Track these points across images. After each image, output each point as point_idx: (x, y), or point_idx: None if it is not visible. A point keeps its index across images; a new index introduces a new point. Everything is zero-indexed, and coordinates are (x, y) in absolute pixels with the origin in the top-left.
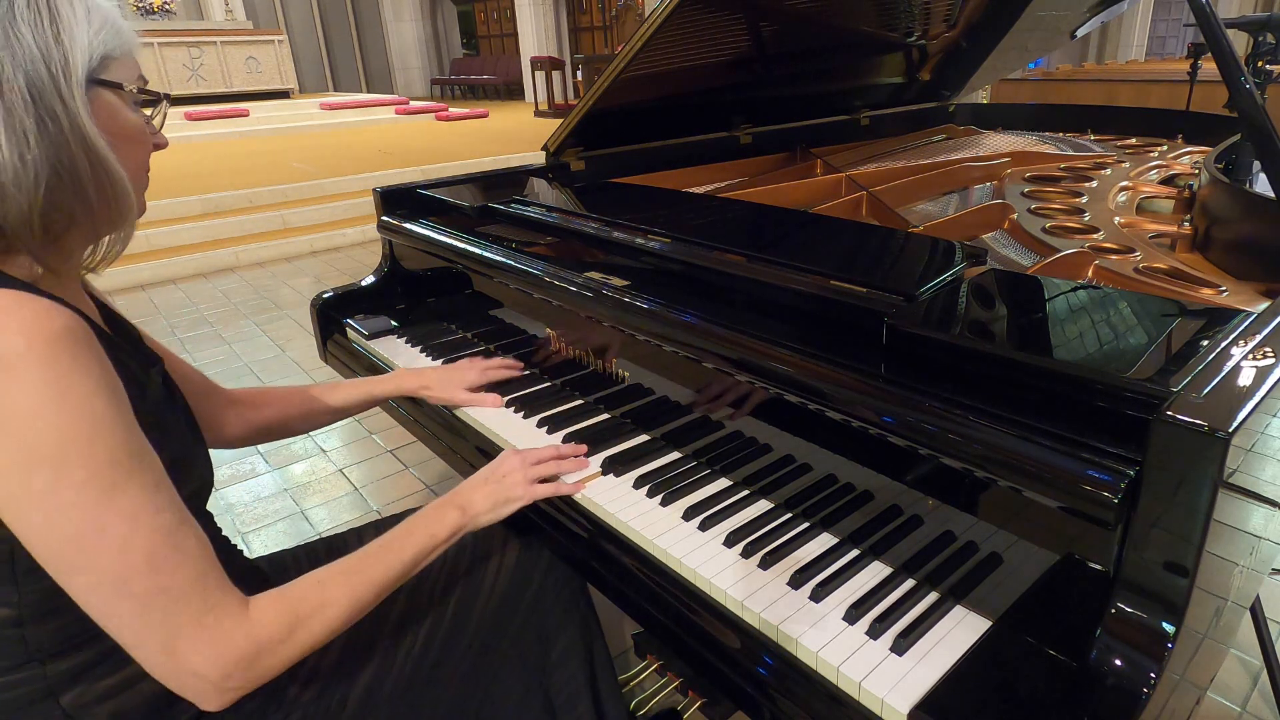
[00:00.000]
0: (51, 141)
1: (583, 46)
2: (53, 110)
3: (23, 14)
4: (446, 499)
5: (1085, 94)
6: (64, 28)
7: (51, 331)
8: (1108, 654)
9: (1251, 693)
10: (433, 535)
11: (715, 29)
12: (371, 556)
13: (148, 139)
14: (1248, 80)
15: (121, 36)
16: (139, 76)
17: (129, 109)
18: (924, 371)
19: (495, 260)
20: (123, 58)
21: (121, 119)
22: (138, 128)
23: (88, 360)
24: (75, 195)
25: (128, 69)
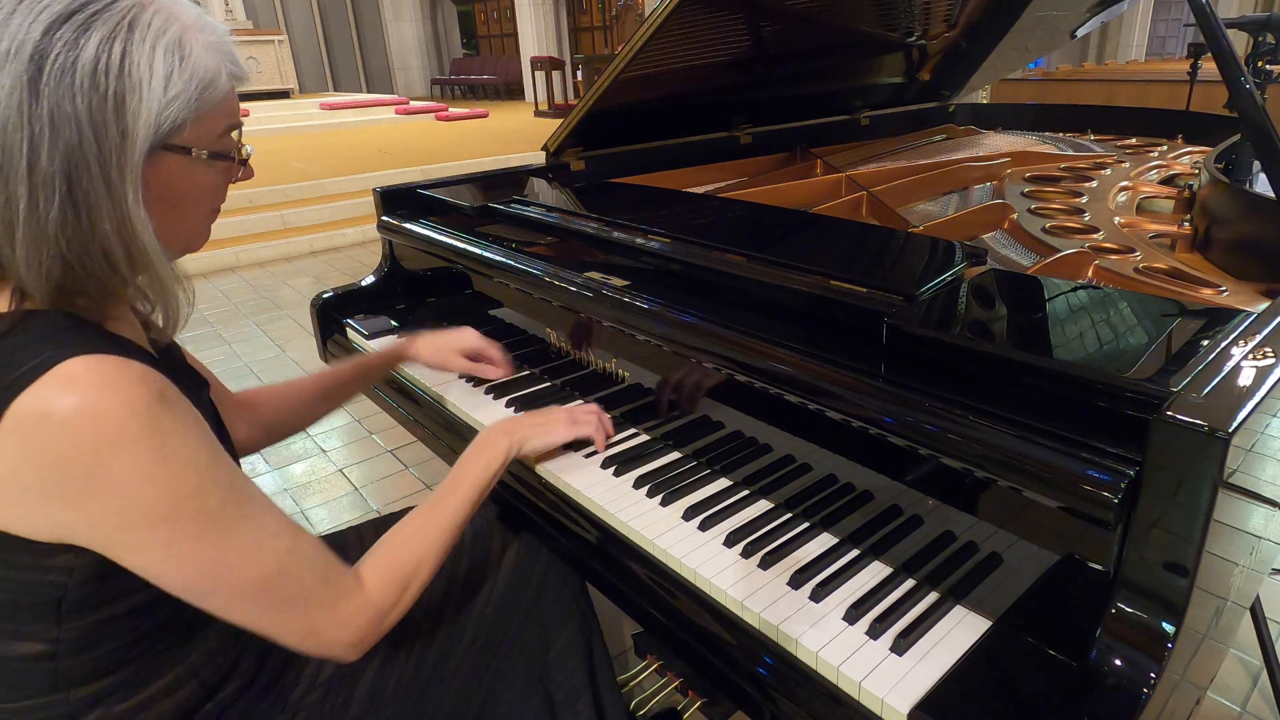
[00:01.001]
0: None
1: (583, 46)
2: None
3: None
4: (492, 428)
5: (1085, 94)
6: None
7: (151, 396)
8: (1108, 654)
9: (1251, 693)
10: (488, 465)
11: (715, 29)
12: (441, 502)
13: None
14: (1248, 80)
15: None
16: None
17: (196, 167)
18: (924, 371)
19: (495, 260)
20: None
21: (187, 181)
22: (204, 187)
23: (183, 416)
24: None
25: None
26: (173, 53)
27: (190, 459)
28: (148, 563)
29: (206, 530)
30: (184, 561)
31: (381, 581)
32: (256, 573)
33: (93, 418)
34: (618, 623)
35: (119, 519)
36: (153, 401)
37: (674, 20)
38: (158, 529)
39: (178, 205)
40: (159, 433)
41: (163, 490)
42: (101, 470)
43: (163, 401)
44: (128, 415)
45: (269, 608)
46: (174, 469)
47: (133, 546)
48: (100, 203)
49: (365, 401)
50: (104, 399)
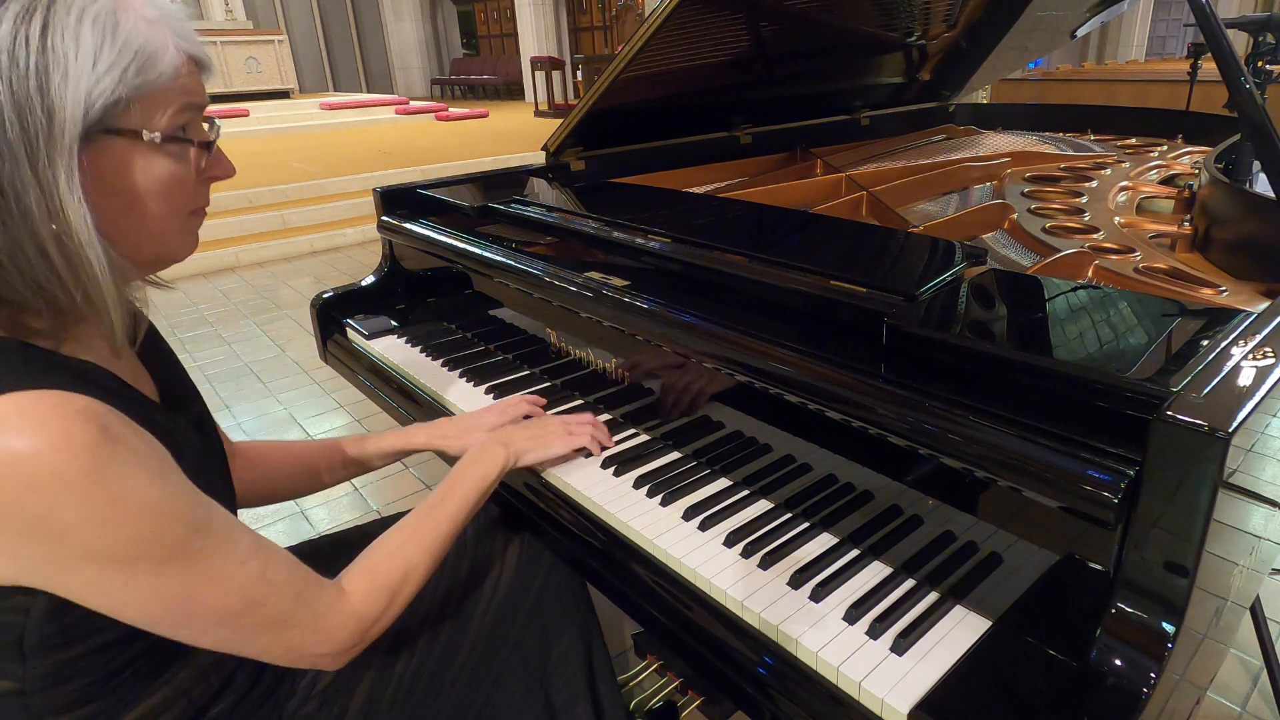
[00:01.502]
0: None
1: (583, 46)
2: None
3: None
4: (489, 439)
5: (1085, 94)
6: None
7: (91, 438)
8: (1108, 654)
9: (1251, 693)
10: (484, 476)
11: (715, 29)
12: (435, 510)
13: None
14: (1248, 80)
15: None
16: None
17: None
18: (924, 371)
19: (495, 260)
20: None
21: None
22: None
23: (131, 453)
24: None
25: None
26: (102, 25)
27: (142, 500)
28: (107, 601)
29: (167, 567)
30: (146, 599)
31: (366, 591)
32: (226, 602)
33: (29, 464)
34: (618, 623)
35: (71, 563)
36: (95, 442)
37: (674, 20)
38: (110, 569)
39: (135, 201)
40: (102, 475)
41: (114, 537)
42: (45, 517)
43: (106, 439)
44: (65, 459)
45: (243, 632)
46: (124, 512)
47: (95, 586)
48: (28, 190)
49: (365, 401)
50: (36, 442)
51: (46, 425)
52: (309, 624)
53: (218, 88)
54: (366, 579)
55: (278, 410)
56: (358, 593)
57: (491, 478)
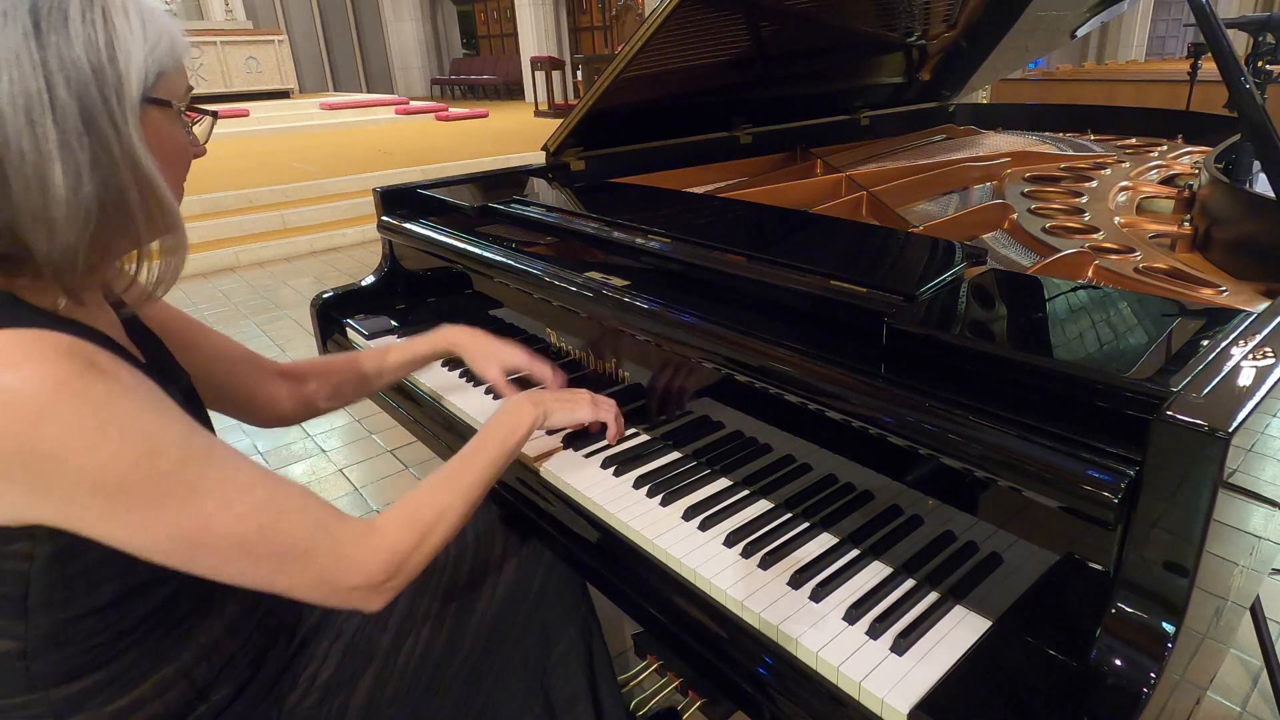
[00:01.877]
0: (104, 173)
1: (583, 46)
2: (105, 139)
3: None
4: (519, 397)
5: (1085, 94)
6: (119, 44)
7: (76, 366)
8: (1108, 654)
9: (1251, 693)
10: (513, 429)
11: (715, 29)
12: (468, 459)
13: (189, 152)
14: (1248, 80)
15: (176, 48)
16: (187, 88)
17: (175, 124)
18: (924, 371)
19: (495, 260)
20: (174, 71)
21: (169, 136)
22: (183, 143)
23: (122, 383)
24: (123, 225)
25: (178, 82)
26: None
27: (131, 425)
28: (118, 533)
29: (169, 495)
30: (154, 528)
31: (399, 525)
32: (237, 529)
33: (14, 394)
34: (618, 623)
35: (69, 491)
36: (82, 370)
37: (674, 20)
38: (114, 498)
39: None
40: (90, 401)
41: (106, 458)
42: (33, 444)
43: (93, 369)
44: (51, 386)
45: (263, 562)
46: (113, 436)
47: (99, 517)
48: (112, 145)
49: (365, 402)
50: (23, 371)
51: (31, 356)
52: (333, 552)
53: (218, 88)
54: (399, 514)
55: None
56: (389, 526)
57: (521, 431)
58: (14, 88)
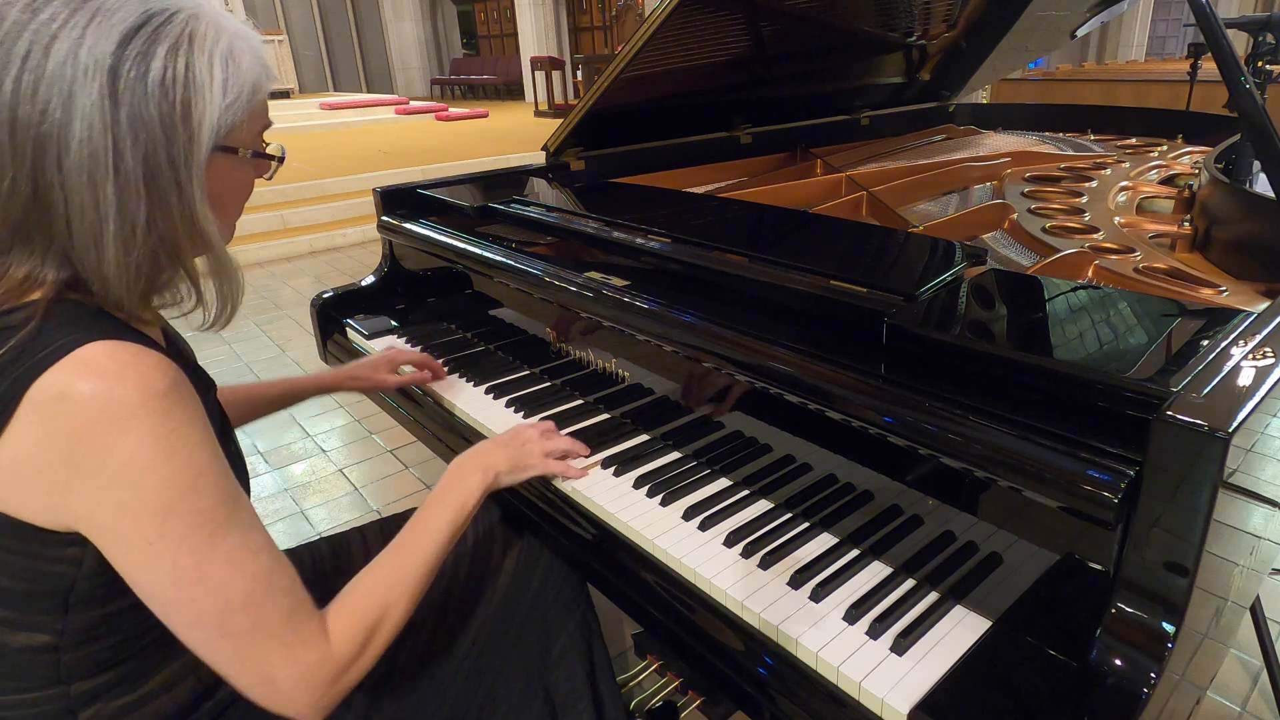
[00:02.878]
0: (159, 231)
1: (583, 46)
2: (166, 200)
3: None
4: (466, 461)
5: (1085, 94)
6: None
7: (165, 385)
8: (1108, 654)
9: (1251, 693)
10: (463, 505)
11: (715, 29)
12: (410, 544)
13: (250, 189)
14: (1248, 80)
15: (257, 95)
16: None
17: (239, 167)
18: (924, 371)
19: (495, 260)
20: (250, 117)
21: (232, 180)
22: (245, 184)
23: (193, 412)
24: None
25: (250, 129)
26: (227, 61)
27: (194, 453)
28: (130, 555)
29: (194, 531)
30: (163, 561)
31: (346, 632)
32: (227, 589)
33: (107, 399)
34: (618, 623)
35: (115, 504)
36: (167, 390)
37: (674, 20)
38: (147, 521)
39: (224, 203)
40: (167, 421)
41: (161, 480)
42: (108, 451)
43: (176, 392)
44: (140, 399)
45: (230, 634)
46: (177, 460)
47: (121, 537)
48: (171, 202)
49: (365, 401)
50: (121, 382)
51: (130, 366)
52: (290, 651)
53: None
54: (345, 620)
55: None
56: (335, 632)
57: (470, 506)
58: (81, 148)
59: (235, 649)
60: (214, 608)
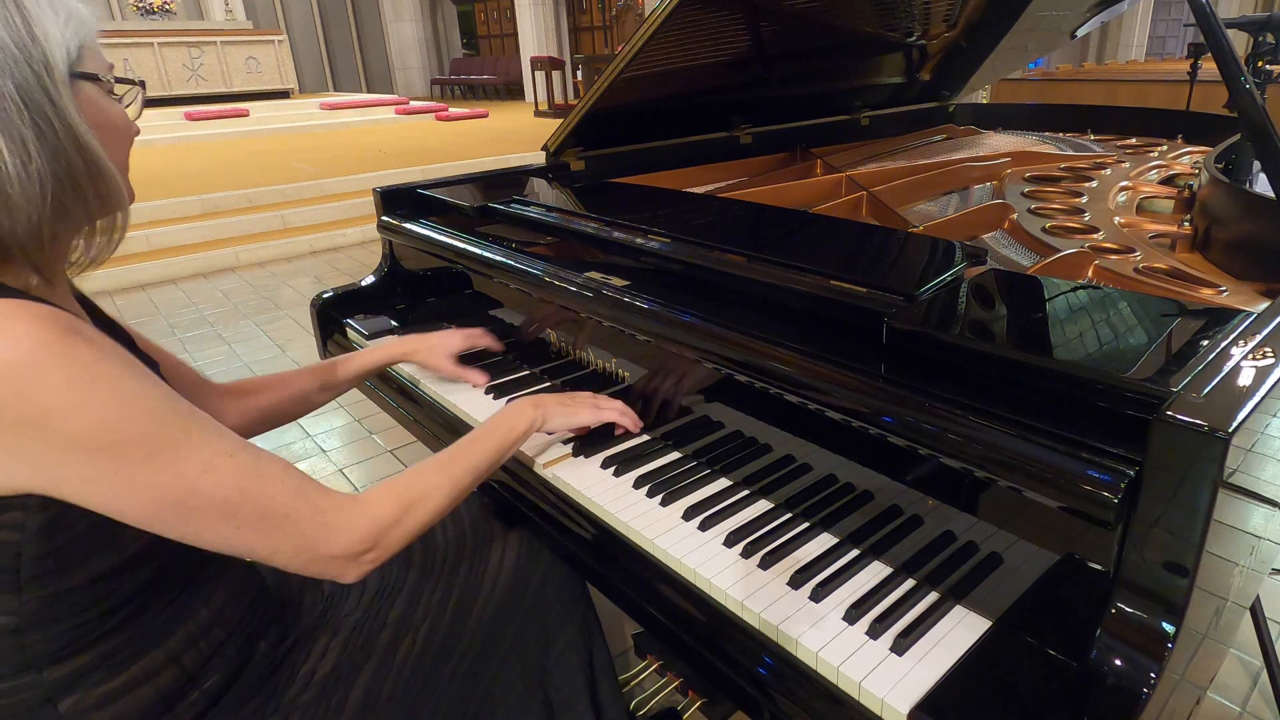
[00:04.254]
0: (49, 146)
1: (583, 46)
2: (44, 112)
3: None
4: (521, 399)
5: (1085, 94)
6: (34, 21)
7: (59, 329)
8: (1108, 654)
9: (1251, 693)
10: (512, 428)
11: (715, 29)
12: (462, 449)
13: (129, 126)
14: (1248, 80)
15: (85, 23)
16: (108, 64)
17: (108, 99)
18: (924, 371)
19: (495, 260)
20: (92, 46)
21: (104, 111)
22: (120, 118)
23: (102, 347)
24: (76, 198)
25: (98, 57)
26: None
27: (117, 385)
28: (104, 495)
29: (153, 454)
30: (138, 489)
31: (384, 499)
32: (220, 491)
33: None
34: (618, 623)
35: (56, 452)
36: (64, 333)
37: (674, 20)
38: (99, 458)
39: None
40: (74, 362)
41: (93, 418)
42: (23, 406)
43: (75, 333)
44: (35, 345)
45: (245, 526)
46: (98, 395)
47: (86, 478)
48: (52, 119)
49: (365, 401)
50: (10, 336)
51: (16, 319)
52: (314, 519)
53: (218, 88)
54: (385, 487)
55: None
56: (375, 497)
57: (520, 430)
58: None
59: (255, 535)
60: (216, 510)
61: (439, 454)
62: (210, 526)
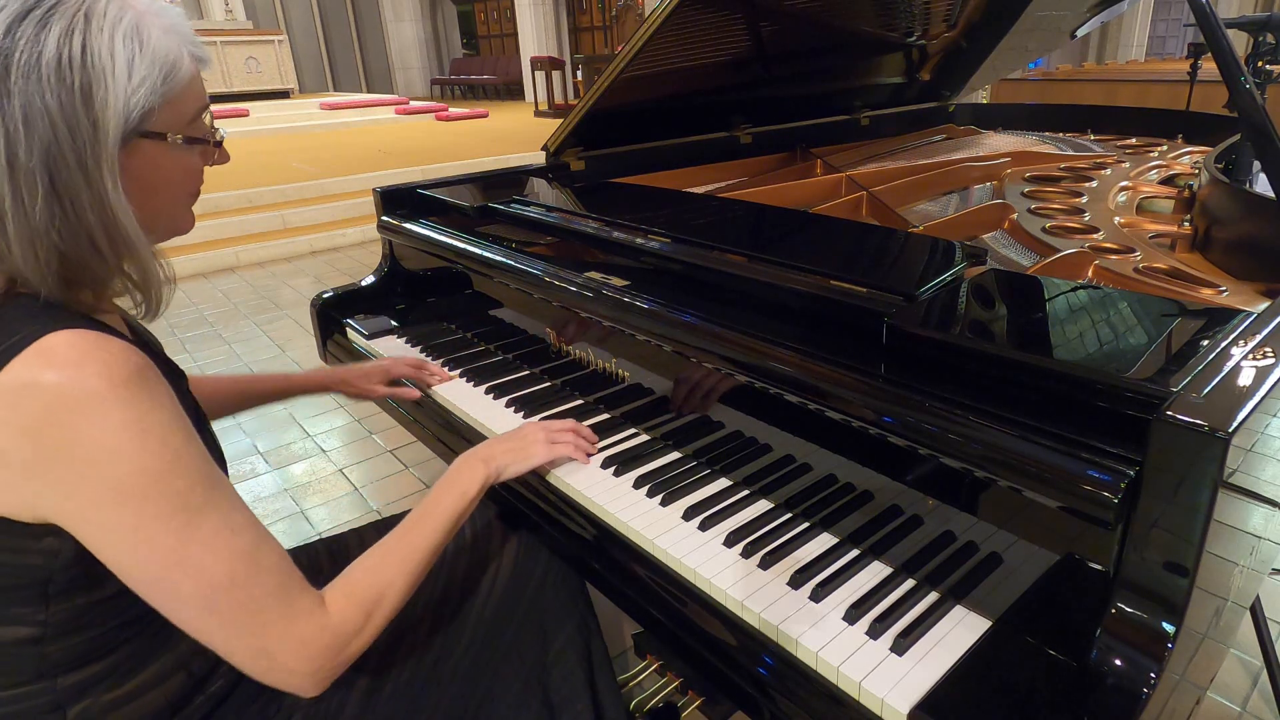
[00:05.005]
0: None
1: (583, 46)
2: (74, 192)
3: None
4: (469, 454)
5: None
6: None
7: (129, 371)
8: (1108, 654)
9: (1251, 693)
10: (464, 493)
11: (715, 29)
12: (413, 529)
13: (189, 182)
14: (1248, 80)
15: (174, 76)
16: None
17: (172, 152)
18: (924, 371)
19: (495, 260)
20: (176, 97)
21: (162, 167)
22: (182, 171)
23: (161, 396)
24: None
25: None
26: (132, 39)
27: (165, 438)
28: (114, 544)
29: (173, 514)
30: (145, 546)
31: (343, 606)
32: (212, 569)
33: (72, 387)
34: (618, 623)
35: (91, 492)
36: (132, 376)
37: (674, 20)
38: (125, 507)
39: (159, 191)
40: (135, 406)
41: (135, 466)
42: (77, 440)
43: (142, 378)
44: (106, 386)
45: (218, 615)
46: (148, 445)
47: (101, 525)
48: (81, 194)
49: (365, 401)
50: (84, 369)
51: (91, 355)
52: (284, 626)
53: (218, 88)
54: (345, 595)
55: (278, 409)
56: (334, 607)
57: (471, 495)
58: None
59: (226, 627)
60: (199, 588)
61: (392, 537)
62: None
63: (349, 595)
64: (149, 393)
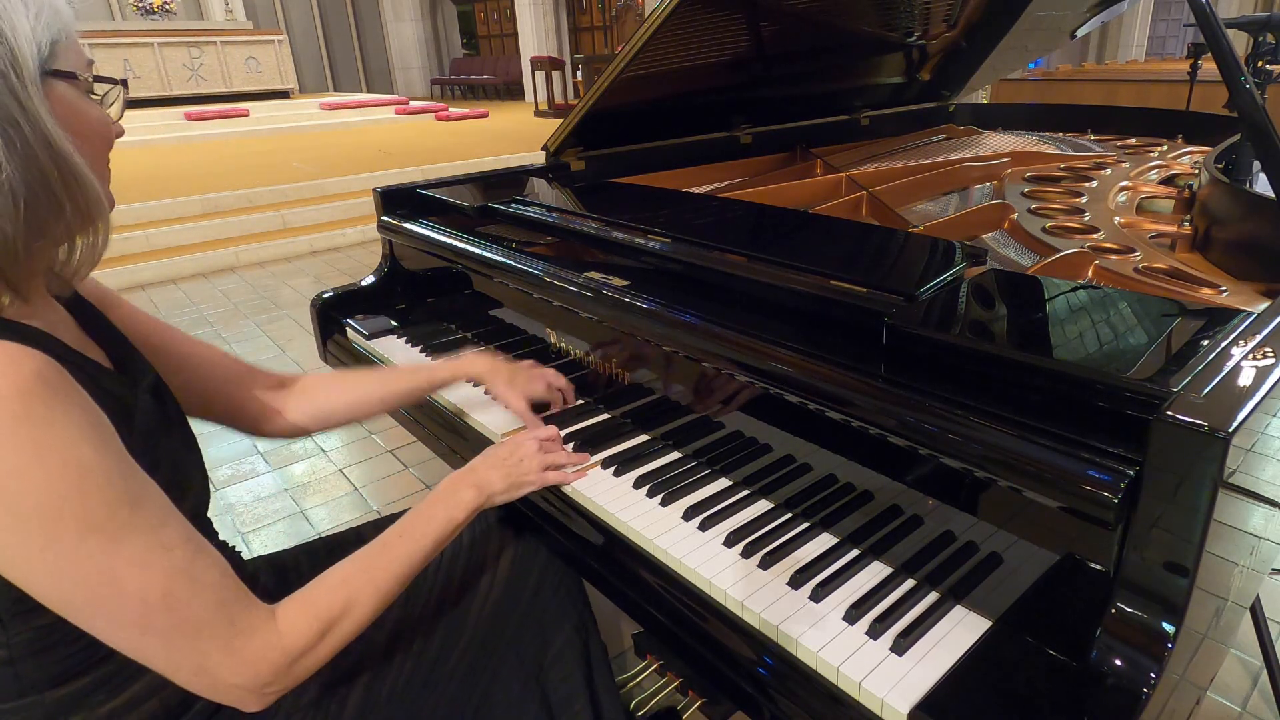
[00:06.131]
0: (19, 154)
1: (583, 46)
2: (12, 117)
3: None
4: (460, 477)
5: (1085, 94)
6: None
7: (21, 382)
8: (1108, 654)
9: (1251, 693)
10: (451, 518)
11: (715, 29)
12: (391, 548)
13: (109, 129)
14: (1248, 80)
15: (61, 16)
16: (88, 61)
17: (85, 99)
18: (924, 371)
19: (495, 260)
20: (68, 41)
21: (81, 113)
22: (98, 119)
23: (65, 406)
24: (52, 210)
25: (76, 54)
26: None
27: (69, 454)
28: (27, 574)
29: (90, 536)
30: (62, 572)
31: (297, 620)
32: (143, 591)
33: None
34: (617, 623)
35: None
36: (27, 388)
37: (674, 20)
38: (30, 533)
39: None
40: (29, 421)
41: (36, 486)
42: None
43: (42, 386)
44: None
45: (154, 634)
46: (49, 463)
47: (9, 553)
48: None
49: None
50: None
51: None
52: (225, 642)
53: (218, 88)
54: (301, 608)
55: None
56: (287, 621)
57: (459, 520)
58: None
59: (163, 646)
60: (131, 610)
61: (364, 555)
62: (117, 627)
63: (305, 610)
64: (47, 403)
